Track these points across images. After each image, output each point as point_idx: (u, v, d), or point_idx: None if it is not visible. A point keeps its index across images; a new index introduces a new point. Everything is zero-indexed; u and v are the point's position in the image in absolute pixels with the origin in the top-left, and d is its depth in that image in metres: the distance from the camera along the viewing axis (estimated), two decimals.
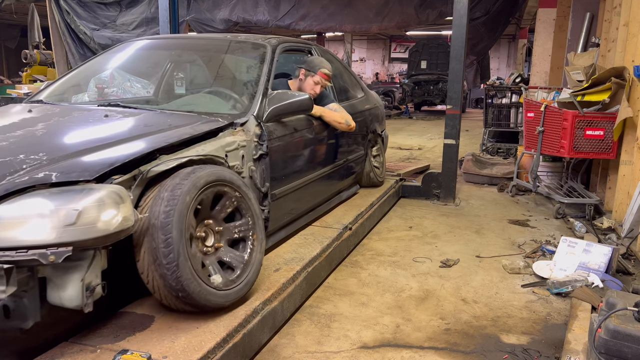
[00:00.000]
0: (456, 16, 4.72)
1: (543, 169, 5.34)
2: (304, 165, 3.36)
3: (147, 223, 2.01)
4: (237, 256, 2.35)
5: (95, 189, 1.85)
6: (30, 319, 1.79)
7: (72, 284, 1.82)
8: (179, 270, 1.99)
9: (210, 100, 3.20)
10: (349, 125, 3.74)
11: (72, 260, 1.79)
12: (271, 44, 3.38)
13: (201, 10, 8.72)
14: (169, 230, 1.99)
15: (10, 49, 19.50)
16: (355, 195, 4.49)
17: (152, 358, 1.85)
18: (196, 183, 2.12)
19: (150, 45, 3.79)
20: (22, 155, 2.05)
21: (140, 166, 2.10)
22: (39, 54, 10.55)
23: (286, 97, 2.98)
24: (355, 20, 8.21)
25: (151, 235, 2.00)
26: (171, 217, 2.00)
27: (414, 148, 8.91)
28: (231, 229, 2.36)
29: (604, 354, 2.00)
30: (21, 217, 1.76)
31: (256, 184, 2.80)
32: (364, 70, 25.17)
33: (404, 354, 2.40)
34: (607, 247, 3.26)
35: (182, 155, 2.29)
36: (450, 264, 3.51)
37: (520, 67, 16.15)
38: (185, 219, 2.05)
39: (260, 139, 2.82)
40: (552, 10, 7.73)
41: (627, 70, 4.17)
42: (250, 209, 2.43)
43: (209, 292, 2.11)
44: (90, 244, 1.80)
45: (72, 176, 1.89)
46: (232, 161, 2.60)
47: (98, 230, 1.79)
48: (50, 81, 3.43)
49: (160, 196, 2.05)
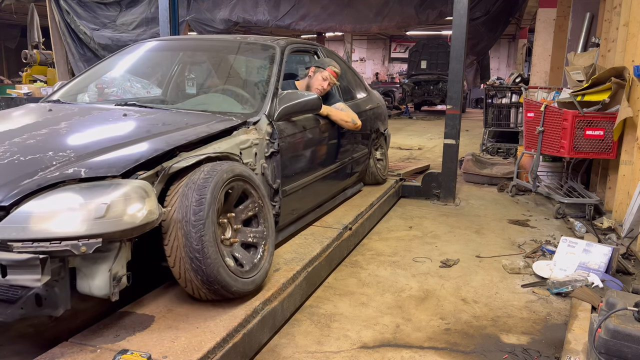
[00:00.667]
0: (456, 16, 4.72)
1: (543, 169, 5.34)
2: (312, 163, 3.48)
3: (176, 220, 2.10)
4: (248, 257, 2.42)
5: (122, 184, 1.95)
6: (61, 307, 1.88)
7: (101, 274, 1.92)
8: (213, 265, 2.10)
9: (222, 100, 3.29)
10: (355, 123, 3.82)
11: (101, 252, 1.88)
12: (280, 45, 3.48)
13: (201, 10, 8.72)
14: (202, 228, 2.08)
15: (10, 49, 19.51)
16: (357, 194, 4.53)
17: (152, 358, 1.85)
18: (219, 179, 2.22)
19: (161, 46, 3.88)
20: (51, 152, 2.15)
21: (162, 163, 2.20)
22: (39, 54, 10.55)
23: (296, 96, 3.08)
24: (355, 20, 8.22)
25: (183, 232, 2.08)
26: (203, 216, 2.10)
27: (414, 148, 8.91)
28: (247, 232, 2.46)
29: (604, 354, 2.00)
30: (53, 210, 1.85)
31: (268, 181, 2.90)
32: (364, 70, 25.17)
33: (404, 354, 2.40)
34: (607, 247, 3.26)
35: (200, 152, 2.38)
36: (450, 264, 3.51)
37: (520, 67, 16.16)
38: (215, 216, 2.17)
39: (271, 137, 2.91)
40: (552, 10, 7.73)
41: (627, 70, 4.17)
42: (268, 221, 2.55)
43: (238, 281, 2.24)
44: (118, 236, 1.89)
45: (100, 172, 1.99)
46: (245, 158, 2.69)
47: (125, 223, 1.89)
48: (64, 81, 3.56)
49: (188, 195, 2.13)
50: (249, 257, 2.43)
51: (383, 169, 4.99)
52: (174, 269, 2.15)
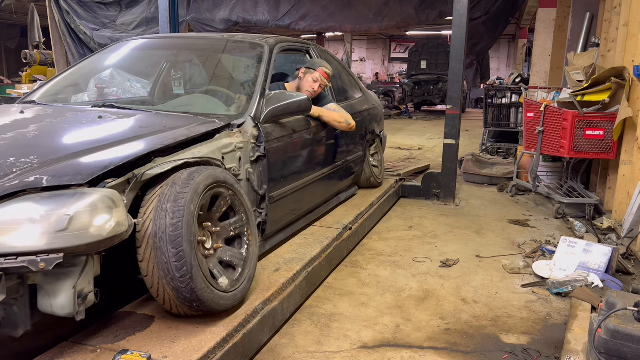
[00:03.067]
0: (456, 16, 4.72)
1: (543, 169, 5.34)
2: (302, 167, 3.32)
3: (151, 233, 1.97)
4: (235, 254, 2.34)
5: (87, 194, 1.80)
6: (20, 327, 1.76)
7: (64, 291, 1.77)
8: (193, 282, 1.98)
9: (206, 101, 3.15)
10: (349, 124, 3.68)
11: (64, 267, 1.74)
12: (269, 43, 3.34)
13: (201, 10, 8.72)
14: (180, 244, 1.95)
15: (10, 49, 19.50)
16: (354, 196, 4.48)
17: (152, 358, 1.85)
18: (197, 189, 2.08)
19: (146, 45, 3.73)
20: (12, 159, 1.98)
21: (135, 169, 2.05)
22: (39, 54, 10.55)
23: (284, 97, 2.93)
24: (355, 20, 8.21)
25: (160, 249, 1.96)
26: (180, 229, 1.97)
27: (414, 148, 8.91)
28: (227, 227, 2.33)
29: (604, 354, 2.00)
30: (11, 222, 1.71)
31: (253, 187, 2.75)
32: (364, 70, 25.17)
33: (404, 354, 2.40)
34: (607, 247, 3.26)
35: (177, 157, 2.23)
36: (450, 264, 3.51)
37: (520, 67, 16.17)
38: (193, 229, 2.03)
39: (257, 141, 2.78)
40: (552, 10, 7.74)
41: (627, 70, 4.16)
42: (243, 205, 2.41)
43: (220, 297, 2.12)
44: (83, 250, 1.75)
45: (64, 180, 1.83)
46: (229, 163, 2.55)
47: (90, 236, 1.75)
48: (43, 81, 3.36)
49: (164, 207, 2.00)
50: (238, 253, 2.35)
51: (379, 171, 4.86)
52: (152, 289, 2.04)
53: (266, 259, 2.91)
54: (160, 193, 2.05)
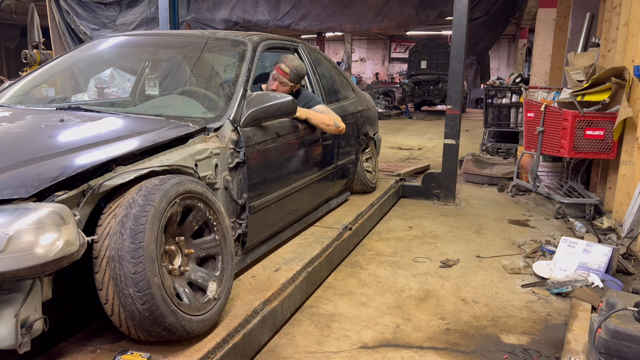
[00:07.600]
0: (456, 16, 4.72)
1: (543, 169, 5.34)
2: (286, 173, 3.07)
3: (109, 254, 1.77)
4: (207, 276, 2.13)
5: (31, 209, 1.59)
6: None
7: (4, 320, 1.56)
8: (155, 307, 1.78)
9: (182, 103, 2.91)
10: (338, 127, 3.44)
11: (3, 294, 1.57)
12: (252, 41, 3.11)
13: (201, 10, 8.72)
14: (141, 264, 1.76)
15: (10, 49, 19.49)
16: (347, 201, 4.29)
17: (152, 358, 1.85)
18: (164, 199, 1.89)
19: (123, 42, 3.50)
20: None
21: (92, 179, 1.83)
22: (38, 54, 10.52)
23: (266, 99, 2.71)
24: (355, 20, 8.21)
25: (117, 268, 1.75)
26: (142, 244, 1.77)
27: (414, 148, 8.91)
28: (200, 245, 2.14)
29: (604, 354, 2.00)
30: None
31: (232, 196, 2.54)
32: (364, 70, 25.17)
33: (404, 354, 2.40)
34: (607, 247, 3.26)
35: (142, 166, 2.01)
36: (450, 264, 3.51)
37: (520, 67, 16.16)
38: (159, 244, 1.85)
39: (237, 146, 2.55)
40: (552, 10, 7.73)
41: (627, 70, 4.17)
42: (218, 219, 2.21)
43: (185, 319, 1.90)
44: (25, 273, 1.54)
45: (5, 193, 1.61)
46: (203, 171, 2.33)
47: (35, 258, 1.54)
48: (11, 81, 3.18)
49: (123, 219, 1.80)
50: (210, 275, 2.13)
51: (372, 176, 4.64)
52: (112, 317, 1.84)
53: (266, 259, 2.91)
54: (119, 204, 1.85)
